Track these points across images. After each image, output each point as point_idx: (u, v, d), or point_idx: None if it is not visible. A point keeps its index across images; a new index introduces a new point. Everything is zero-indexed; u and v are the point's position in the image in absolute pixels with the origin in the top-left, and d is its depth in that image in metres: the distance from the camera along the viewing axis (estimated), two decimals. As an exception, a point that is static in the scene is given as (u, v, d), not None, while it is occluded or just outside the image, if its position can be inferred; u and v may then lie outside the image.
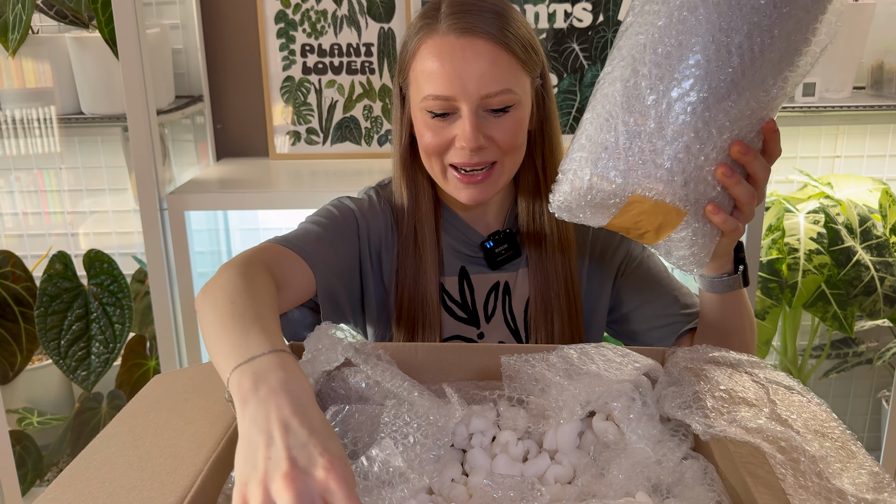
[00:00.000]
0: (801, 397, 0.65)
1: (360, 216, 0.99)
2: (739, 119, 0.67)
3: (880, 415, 2.09)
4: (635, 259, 1.03)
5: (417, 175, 0.99)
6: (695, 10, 0.64)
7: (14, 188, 1.98)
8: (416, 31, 0.91)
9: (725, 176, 0.70)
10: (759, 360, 0.72)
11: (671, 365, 0.72)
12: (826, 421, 0.61)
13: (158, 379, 0.73)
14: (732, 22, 0.63)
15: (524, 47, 0.89)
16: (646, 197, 0.68)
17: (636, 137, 0.67)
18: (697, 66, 0.64)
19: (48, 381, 1.96)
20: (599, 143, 0.69)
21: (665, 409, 0.66)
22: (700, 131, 0.66)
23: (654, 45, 0.66)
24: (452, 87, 0.87)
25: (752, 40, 0.64)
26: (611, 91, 0.69)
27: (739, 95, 0.66)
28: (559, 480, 0.66)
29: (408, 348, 0.76)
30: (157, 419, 0.64)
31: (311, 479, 0.51)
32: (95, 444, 0.60)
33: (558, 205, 0.74)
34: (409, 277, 0.98)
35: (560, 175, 0.73)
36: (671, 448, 0.63)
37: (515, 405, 0.72)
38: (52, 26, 1.84)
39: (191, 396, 0.67)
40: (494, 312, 1.02)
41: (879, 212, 1.82)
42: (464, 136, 0.88)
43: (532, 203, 0.99)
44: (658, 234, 0.73)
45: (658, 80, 0.66)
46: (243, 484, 0.52)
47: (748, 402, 0.63)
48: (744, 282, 0.87)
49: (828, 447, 0.56)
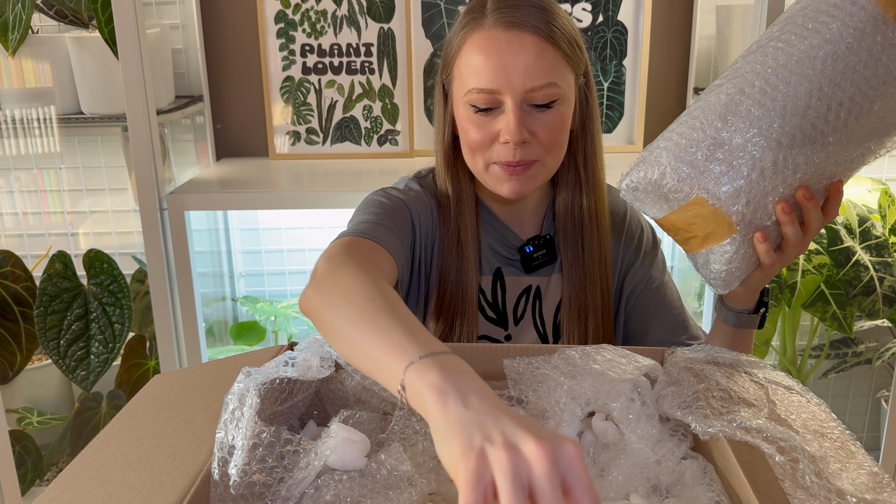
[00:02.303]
0: (801, 397, 0.66)
1: (413, 209, 0.98)
2: (815, 167, 0.72)
3: (879, 415, 2.10)
4: (654, 281, 1.04)
5: (460, 173, 0.98)
6: (814, 60, 0.69)
7: (14, 188, 1.98)
8: (461, 26, 0.91)
9: (784, 212, 0.73)
10: (758, 360, 0.72)
11: (670, 365, 0.72)
12: (825, 421, 0.61)
13: (158, 379, 0.73)
14: (843, 82, 0.69)
15: (569, 43, 0.89)
16: (708, 202, 0.72)
17: (720, 147, 0.71)
18: (797, 108, 0.70)
19: (48, 381, 1.96)
20: (686, 141, 0.73)
21: (664, 408, 0.66)
22: (778, 164, 0.71)
23: (768, 76, 0.71)
24: (497, 80, 0.86)
25: (853, 103, 0.69)
26: (714, 100, 0.74)
27: (823, 147, 0.71)
28: None
29: None
30: (157, 419, 0.64)
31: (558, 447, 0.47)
32: (95, 443, 0.60)
33: (628, 184, 0.78)
34: (452, 271, 0.97)
35: (639, 158, 0.77)
36: (670, 448, 0.63)
37: (515, 405, 0.73)
38: (52, 26, 1.84)
39: (191, 396, 0.68)
40: (524, 315, 1.01)
41: (879, 212, 1.82)
42: (508, 129, 0.87)
43: (571, 203, 0.99)
44: (704, 243, 0.77)
45: (759, 106, 0.71)
46: (478, 452, 0.47)
47: (747, 402, 0.64)
48: (760, 323, 0.89)
49: (827, 447, 0.57)
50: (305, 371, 0.66)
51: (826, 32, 0.69)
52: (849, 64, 0.69)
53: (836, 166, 0.73)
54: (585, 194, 0.98)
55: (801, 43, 0.71)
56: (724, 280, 0.80)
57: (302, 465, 0.57)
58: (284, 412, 0.68)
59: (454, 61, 0.92)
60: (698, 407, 0.63)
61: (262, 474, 0.56)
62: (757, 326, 0.89)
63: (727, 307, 0.89)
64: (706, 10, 1.76)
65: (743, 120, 0.71)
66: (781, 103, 0.70)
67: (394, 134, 1.80)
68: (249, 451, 0.56)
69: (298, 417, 0.72)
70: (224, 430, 0.57)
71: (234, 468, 0.55)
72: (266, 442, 0.57)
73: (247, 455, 0.56)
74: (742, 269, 0.78)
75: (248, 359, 0.73)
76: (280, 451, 0.58)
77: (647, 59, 1.73)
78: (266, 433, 0.57)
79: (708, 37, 1.81)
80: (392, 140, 1.80)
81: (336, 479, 0.57)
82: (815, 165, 0.72)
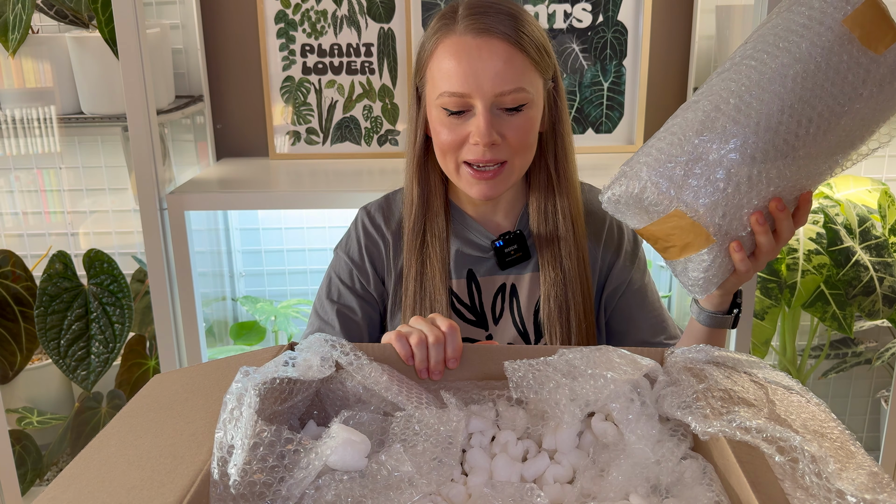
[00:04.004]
0: (801, 397, 0.66)
1: (360, 261, 1.06)
2: (787, 180, 0.76)
3: (879, 415, 2.10)
4: (635, 283, 1.06)
5: (430, 174, 1.02)
6: (784, 78, 0.73)
7: (14, 188, 1.98)
8: (433, 32, 0.94)
9: (758, 223, 0.76)
10: (757, 360, 0.72)
11: (670, 365, 0.72)
12: (825, 421, 0.61)
13: (158, 379, 0.73)
14: (812, 99, 0.73)
15: (538, 49, 0.92)
16: (686, 215, 0.76)
17: (698, 161, 0.75)
18: (770, 124, 0.73)
19: (48, 381, 1.96)
20: (665, 156, 0.76)
21: (664, 408, 0.66)
22: (753, 178, 0.75)
23: (742, 93, 0.74)
24: (468, 84, 0.90)
25: (821, 119, 0.73)
26: (691, 116, 0.77)
27: (794, 161, 0.75)
28: (558, 480, 0.66)
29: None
30: (157, 419, 0.64)
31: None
32: (95, 443, 0.60)
33: (609, 197, 0.81)
34: (417, 277, 1.00)
35: (620, 172, 0.80)
36: (670, 448, 0.63)
37: (515, 405, 0.73)
38: (52, 26, 1.84)
39: (191, 396, 0.68)
40: (502, 314, 1.02)
41: (878, 212, 1.82)
42: (478, 131, 0.91)
43: (545, 203, 1.01)
44: (682, 252, 0.80)
45: (734, 122, 0.74)
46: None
47: (747, 402, 0.64)
48: (733, 324, 0.93)
49: (827, 447, 0.57)
50: (306, 371, 0.66)
51: (796, 51, 0.73)
52: (817, 82, 0.72)
53: (806, 178, 0.77)
54: (558, 194, 1.01)
55: (772, 61, 0.74)
56: (701, 286, 0.83)
57: (303, 464, 0.57)
58: (284, 412, 0.68)
59: (427, 65, 0.95)
60: (698, 407, 0.63)
61: (262, 473, 0.56)
62: (730, 326, 0.93)
63: (702, 308, 0.92)
64: (706, 10, 1.76)
65: (719, 136, 0.74)
66: (755, 119, 0.73)
67: (394, 134, 1.80)
68: (250, 450, 0.56)
69: (298, 417, 0.72)
70: (223, 430, 0.57)
71: (234, 467, 0.55)
72: (267, 441, 0.57)
73: (247, 454, 0.56)
74: (719, 275, 0.82)
75: (248, 359, 0.73)
76: (281, 450, 0.58)
77: (647, 59, 1.73)
78: (266, 432, 0.57)
79: (708, 37, 1.81)
80: (392, 140, 1.80)
81: (336, 480, 0.57)
82: (787, 178, 0.75)
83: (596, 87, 1.76)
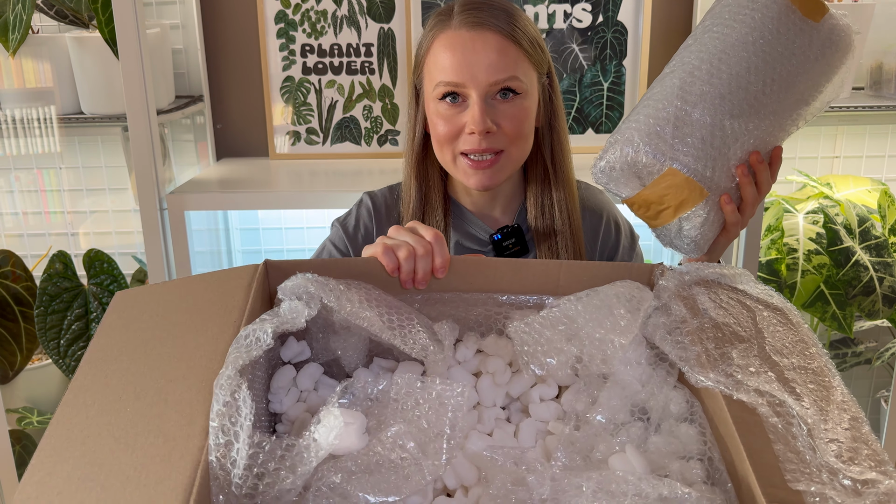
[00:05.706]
0: (784, 328, 0.67)
1: (357, 230, 1.06)
2: (762, 132, 0.84)
3: (879, 415, 2.10)
4: None
5: (429, 170, 1.03)
6: (746, 44, 0.82)
7: (14, 188, 1.98)
8: (429, 28, 0.97)
9: (744, 174, 0.82)
10: (741, 271, 0.74)
11: (661, 289, 0.72)
12: (809, 347, 0.64)
13: (121, 298, 0.69)
14: (772, 61, 0.82)
15: (531, 42, 0.95)
16: (681, 172, 0.81)
17: (684, 121, 0.82)
18: (740, 84, 0.82)
19: (48, 381, 1.96)
20: (653, 120, 0.82)
21: (655, 338, 0.67)
22: (735, 132, 0.83)
23: (712, 60, 0.83)
24: (463, 74, 0.92)
25: (781, 79, 0.82)
26: (669, 84, 0.84)
27: (765, 117, 0.83)
28: (544, 398, 0.68)
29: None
30: (134, 371, 0.60)
31: None
32: (70, 399, 0.57)
33: (602, 167, 0.85)
34: None
35: (609, 142, 0.85)
36: (657, 382, 0.64)
37: (504, 338, 0.72)
38: (52, 26, 1.84)
39: (165, 336, 0.64)
40: None
41: (878, 212, 1.82)
42: (473, 120, 0.93)
43: (541, 197, 1.03)
44: (677, 211, 0.84)
45: (709, 85, 0.82)
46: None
47: (739, 338, 0.65)
48: None
49: (813, 389, 0.58)
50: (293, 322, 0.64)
51: (751, 22, 0.83)
52: (774, 46, 0.82)
53: (775, 132, 0.85)
54: (555, 188, 1.03)
55: (732, 32, 0.83)
56: (697, 244, 0.87)
57: (303, 448, 0.57)
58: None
59: (424, 60, 0.98)
60: (693, 352, 0.63)
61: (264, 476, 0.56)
62: None
63: None
64: (706, 10, 1.76)
65: (698, 98, 0.82)
66: (727, 81, 0.82)
67: (394, 134, 1.80)
68: (249, 440, 0.55)
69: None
70: (217, 421, 0.55)
71: (235, 462, 0.55)
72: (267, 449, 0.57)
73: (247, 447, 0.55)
74: (713, 231, 0.87)
75: (217, 277, 0.70)
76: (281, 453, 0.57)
77: (647, 59, 1.73)
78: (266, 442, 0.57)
79: (708, 37, 1.81)
80: (392, 140, 1.80)
81: (340, 465, 0.57)
82: (762, 131, 0.84)
83: (596, 87, 1.76)
